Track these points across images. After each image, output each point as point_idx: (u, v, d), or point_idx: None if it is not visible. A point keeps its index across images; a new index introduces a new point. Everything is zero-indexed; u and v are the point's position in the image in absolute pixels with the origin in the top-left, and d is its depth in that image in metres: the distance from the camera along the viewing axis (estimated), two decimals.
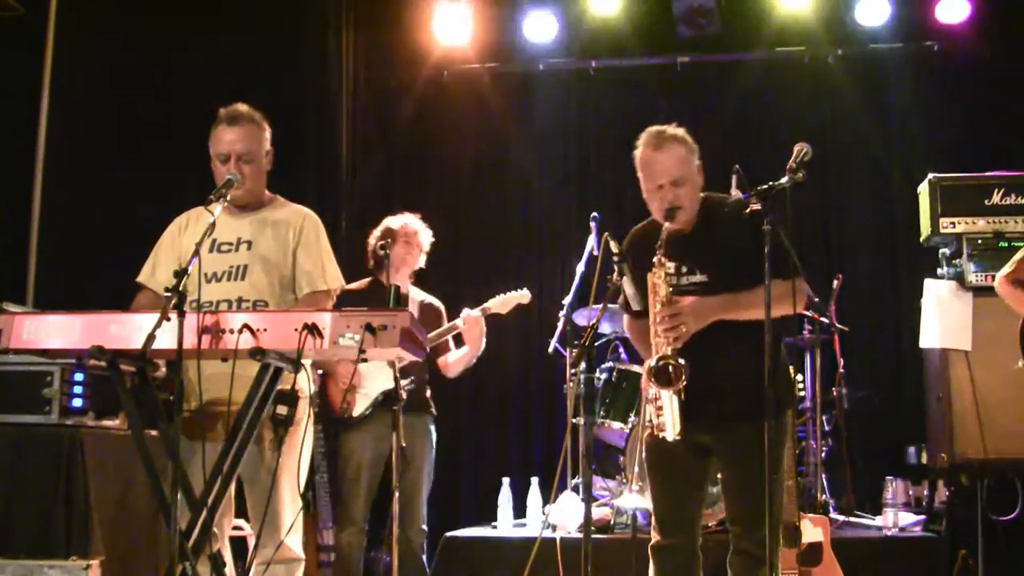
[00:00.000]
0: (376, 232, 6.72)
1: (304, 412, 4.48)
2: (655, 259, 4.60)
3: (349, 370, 6.12)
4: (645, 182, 4.80)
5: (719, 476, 4.91)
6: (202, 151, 4.91)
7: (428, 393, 6.69)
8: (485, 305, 6.78)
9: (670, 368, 4.40)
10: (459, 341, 6.72)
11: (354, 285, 6.36)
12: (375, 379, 6.35)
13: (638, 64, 9.61)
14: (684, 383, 4.40)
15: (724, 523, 5.03)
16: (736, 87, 9.52)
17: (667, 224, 4.63)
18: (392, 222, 6.73)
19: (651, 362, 4.50)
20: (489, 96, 9.80)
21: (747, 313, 4.61)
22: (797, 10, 9.14)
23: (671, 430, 4.52)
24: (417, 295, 6.80)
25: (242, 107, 4.90)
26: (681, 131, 4.85)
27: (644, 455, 4.90)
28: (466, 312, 6.56)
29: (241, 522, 5.27)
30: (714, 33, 9.15)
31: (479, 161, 9.80)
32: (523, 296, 6.97)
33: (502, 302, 6.88)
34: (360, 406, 6.39)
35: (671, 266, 4.66)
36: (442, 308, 6.90)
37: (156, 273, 4.94)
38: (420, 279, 6.92)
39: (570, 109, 9.86)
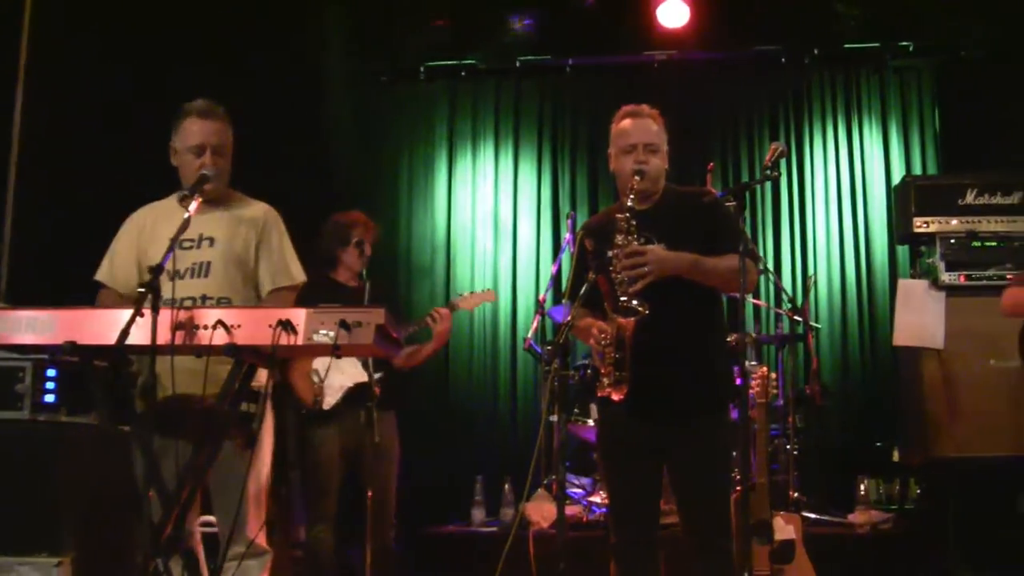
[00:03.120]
0: (326, 229, 6.67)
1: (267, 408, 4.50)
2: (619, 221, 4.64)
3: (307, 361, 6.11)
4: (618, 144, 4.88)
5: (670, 471, 4.91)
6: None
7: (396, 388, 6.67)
8: (453, 301, 6.84)
9: (634, 302, 4.40)
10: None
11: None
12: (344, 372, 6.33)
13: (614, 62, 9.64)
14: (647, 313, 4.41)
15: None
16: (713, 85, 9.55)
17: (636, 179, 4.67)
18: (344, 219, 6.70)
19: (614, 303, 4.50)
20: (466, 92, 9.79)
21: (706, 276, 4.67)
22: (775, 9, 9.13)
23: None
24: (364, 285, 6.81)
25: (208, 102, 4.90)
26: (656, 111, 4.95)
27: (597, 452, 4.92)
28: (436, 310, 6.57)
29: (210, 518, 5.26)
30: (690, 31, 9.15)
31: (456, 158, 9.79)
32: (488, 296, 7.02)
33: (468, 300, 6.95)
34: (330, 399, 6.37)
35: (634, 234, 4.68)
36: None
37: (115, 272, 4.88)
38: (392, 274, 6.90)
39: (546, 106, 9.86)
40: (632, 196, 4.64)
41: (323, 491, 6.34)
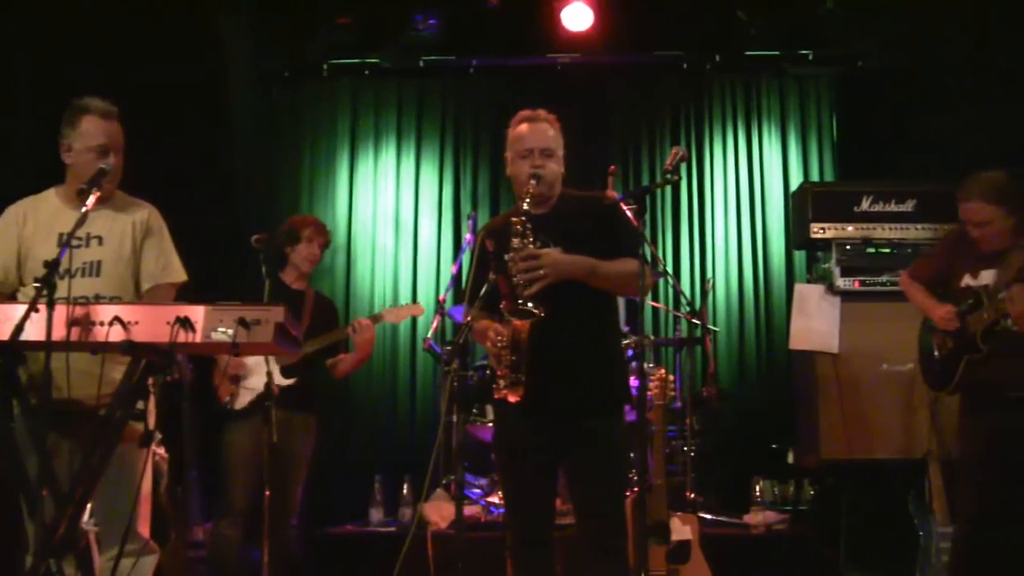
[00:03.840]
0: (280, 230, 6.65)
1: (153, 406, 4.47)
2: (514, 224, 4.65)
3: (233, 360, 6.08)
4: (515, 149, 4.89)
5: (565, 472, 4.94)
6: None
7: (313, 392, 6.63)
8: (378, 314, 6.81)
9: (529, 305, 4.42)
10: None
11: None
12: (261, 374, 6.30)
13: (518, 64, 9.66)
14: (543, 315, 4.42)
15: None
16: (615, 89, 9.61)
17: (532, 183, 4.69)
18: (298, 222, 6.71)
19: (511, 305, 4.51)
20: (370, 91, 9.76)
21: (602, 280, 4.70)
22: (678, 15, 9.18)
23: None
24: (315, 295, 6.79)
25: (103, 100, 4.84)
26: (553, 116, 4.97)
27: (494, 453, 4.93)
28: (359, 319, 6.55)
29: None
30: (595, 35, 9.19)
31: (357, 158, 9.75)
32: (416, 309, 7.03)
33: (395, 312, 6.94)
34: (243, 399, 6.33)
35: (531, 237, 4.69)
36: (335, 304, 6.92)
37: None
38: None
39: (449, 106, 9.85)
40: (528, 200, 4.66)
41: (231, 487, 6.30)
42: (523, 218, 4.63)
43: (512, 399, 4.53)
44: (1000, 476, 5.46)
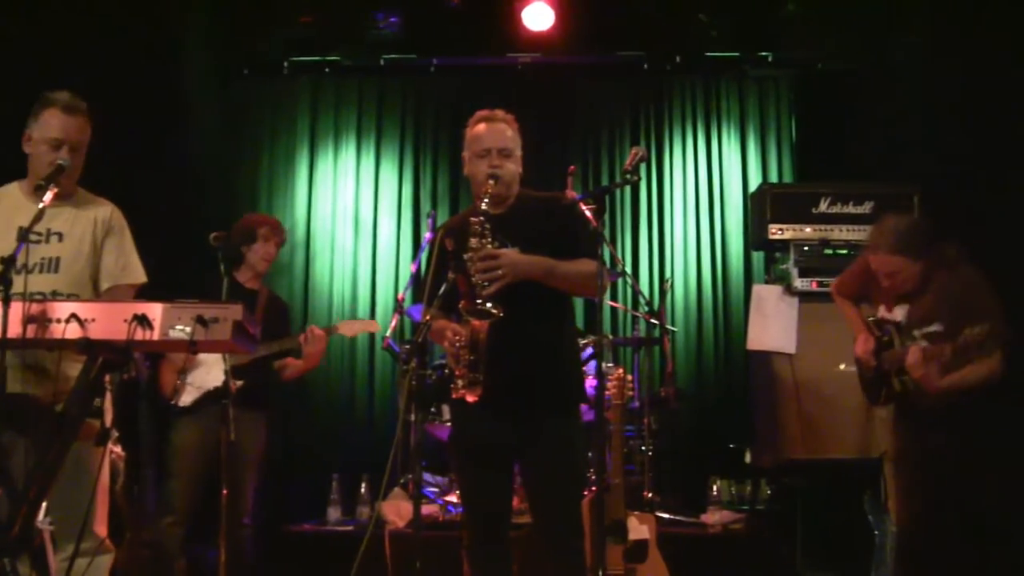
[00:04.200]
0: (242, 226, 6.62)
1: (110, 403, 4.45)
2: (472, 224, 4.66)
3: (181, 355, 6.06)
4: (472, 149, 4.90)
5: (522, 471, 4.95)
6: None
7: (264, 391, 6.61)
8: (334, 325, 6.80)
9: (488, 305, 4.42)
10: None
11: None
12: (210, 373, 6.27)
13: (479, 63, 9.66)
14: (501, 315, 4.42)
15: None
16: (576, 89, 9.62)
17: (490, 183, 4.71)
18: (259, 219, 6.68)
19: (466, 304, 4.51)
20: (330, 89, 9.73)
21: (560, 280, 4.72)
22: (639, 16, 9.20)
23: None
24: (269, 294, 6.76)
25: (73, 96, 4.81)
26: (511, 116, 4.99)
27: (450, 452, 4.94)
28: (312, 328, 6.52)
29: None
30: (556, 35, 9.20)
31: (317, 156, 9.72)
32: (371, 325, 7.00)
33: (349, 325, 6.91)
34: (189, 396, 6.30)
35: (489, 238, 4.70)
36: (287, 305, 6.89)
37: None
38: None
39: (409, 105, 9.84)
40: (486, 200, 4.67)
41: (175, 485, 6.27)
42: (481, 218, 4.64)
43: (470, 399, 4.54)
44: (928, 480, 5.55)
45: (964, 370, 5.26)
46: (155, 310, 4.00)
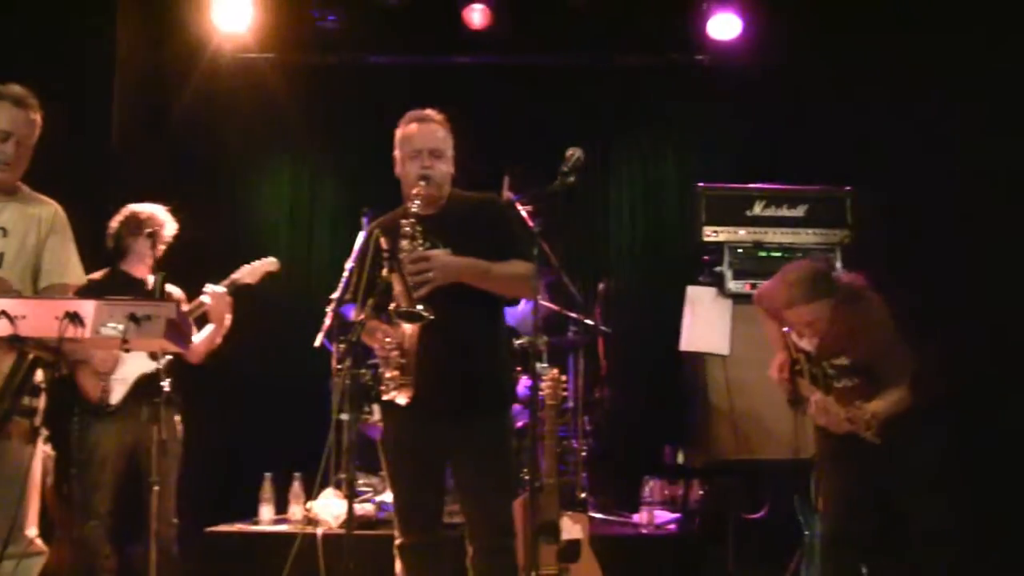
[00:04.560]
0: (119, 219, 6.52)
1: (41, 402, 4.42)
2: (403, 226, 4.66)
3: (107, 357, 5.97)
4: (403, 150, 4.93)
5: (453, 472, 4.96)
6: None
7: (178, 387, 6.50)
8: (232, 277, 6.58)
9: (419, 307, 4.41)
10: (202, 321, 6.54)
11: (95, 275, 6.15)
12: (129, 366, 6.20)
13: (417, 62, 9.64)
14: (431, 318, 4.41)
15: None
16: (513, 90, 9.62)
17: (421, 185, 4.72)
18: (140, 211, 6.54)
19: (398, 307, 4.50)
20: (267, 87, 9.65)
21: (491, 282, 4.76)
22: (580, 16, 9.19)
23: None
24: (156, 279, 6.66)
25: (24, 90, 4.76)
26: (442, 116, 5.01)
27: (381, 453, 4.95)
28: (210, 287, 6.35)
29: None
30: (495, 35, 9.20)
31: (254, 153, 9.66)
32: (270, 263, 6.80)
33: (249, 271, 6.69)
34: (118, 394, 6.22)
35: (420, 239, 4.70)
36: (183, 296, 6.72)
37: None
38: (182, 271, 6.73)
39: (349, 104, 9.79)
40: (417, 202, 4.67)
41: (97, 487, 6.19)
42: (412, 220, 4.64)
43: (401, 401, 4.55)
44: (850, 481, 5.66)
45: (871, 404, 5.34)
46: (87, 307, 3.97)
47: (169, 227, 6.55)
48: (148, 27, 9.11)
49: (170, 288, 6.60)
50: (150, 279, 6.49)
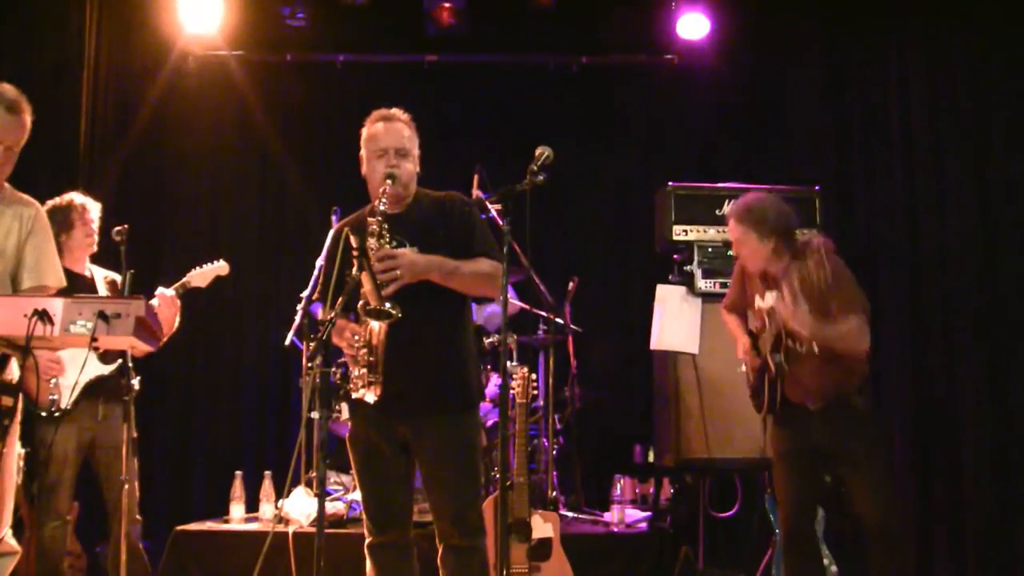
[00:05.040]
0: (52, 214, 6.42)
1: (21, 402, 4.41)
2: (370, 224, 4.67)
3: (53, 360, 5.81)
4: (369, 149, 4.94)
5: (420, 470, 4.96)
6: None
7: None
8: (183, 280, 6.49)
9: (386, 305, 4.41)
10: None
11: None
12: (77, 365, 6.13)
13: (385, 61, 9.63)
14: (399, 316, 4.41)
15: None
16: (481, 89, 9.62)
17: (387, 184, 4.72)
18: (60, 203, 6.39)
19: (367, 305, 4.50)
20: (235, 85, 9.60)
21: (457, 280, 4.77)
22: (546, 16, 9.21)
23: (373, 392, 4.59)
24: (100, 273, 6.60)
25: (16, 93, 4.71)
26: (408, 116, 5.02)
27: (349, 452, 4.96)
28: (160, 291, 6.27)
29: None
30: (463, 34, 9.20)
31: (222, 151, 9.62)
32: (221, 268, 6.73)
33: (200, 275, 6.61)
34: (65, 397, 6.15)
35: (387, 238, 4.70)
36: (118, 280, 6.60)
37: None
38: (147, 268, 6.68)
39: (317, 102, 9.77)
40: (383, 200, 4.68)
41: (56, 488, 6.15)
42: (379, 218, 4.64)
43: (370, 399, 4.56)
44: (799, 468, 5.74)
45: (828, 328, 5.39)
46: (55, 305, 3.95)
47: (93, 210, 6.48)
48: (117, 25, 9.07)
49: (114, 276, 6.56)
50: (89, 271, 6.46)
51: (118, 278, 6.51)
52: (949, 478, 8.02)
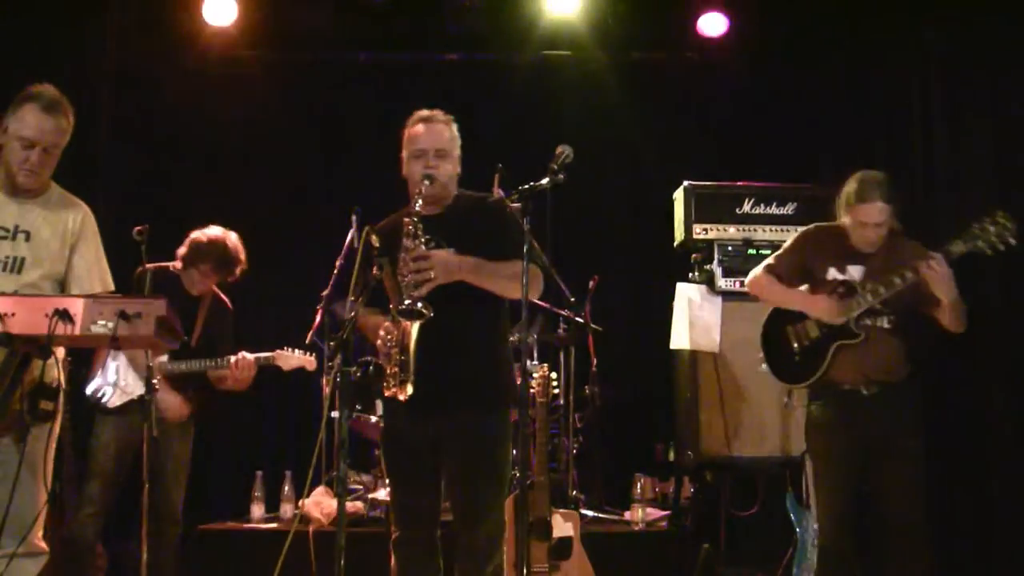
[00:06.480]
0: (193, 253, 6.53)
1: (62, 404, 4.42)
2: (408, 226, 4.68)
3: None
4: (410, 149, 4.95)
5: (445, 469, 4.95)
6: None
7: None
8: (267, 355, 6.62)
9: (418, 305, 4.43)
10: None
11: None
12: (138, 380, 6.16)
13: (406, 59, 9.63)
14: (431, 315, 4.44)
15: None
16: (503, 88, 9.60)
17: (424, 184, 4.73)
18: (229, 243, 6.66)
19: (399, 305, 4.51)
20: (254, 84, 9.61)
21: (491, 282, 4.77)
22: (566, 15, 9.20)
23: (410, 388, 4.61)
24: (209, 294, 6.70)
25: (57, 94, 4.70)
26: (449, 117, 5.04)
27: (381, 448, 4.98)
28: (243, 354, 6.41)
29: None
30: (484, 33, 9.19)
31: (242, 150, 9.62)
32: (308, 362, 6.85)
33: (285, 358, 6.74)
34: (117, 399, 6.22)
35: (422, 238, 4.71)
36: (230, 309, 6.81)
37: None
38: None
39: (337, 100, 9.77)
40: (419, 201, 4.68)
41: (94, 480, 6.20)
42: (415, 219, 4.66)
43: (401, 397, 4.58)
44: (847, 473, 5.63)
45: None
46: (76, 305, 3.96)
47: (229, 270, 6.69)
48: (136, 25, 9.07)
49: (221, 294, 6.64)
50: None
51: (224, 297, 6.68)
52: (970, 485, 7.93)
